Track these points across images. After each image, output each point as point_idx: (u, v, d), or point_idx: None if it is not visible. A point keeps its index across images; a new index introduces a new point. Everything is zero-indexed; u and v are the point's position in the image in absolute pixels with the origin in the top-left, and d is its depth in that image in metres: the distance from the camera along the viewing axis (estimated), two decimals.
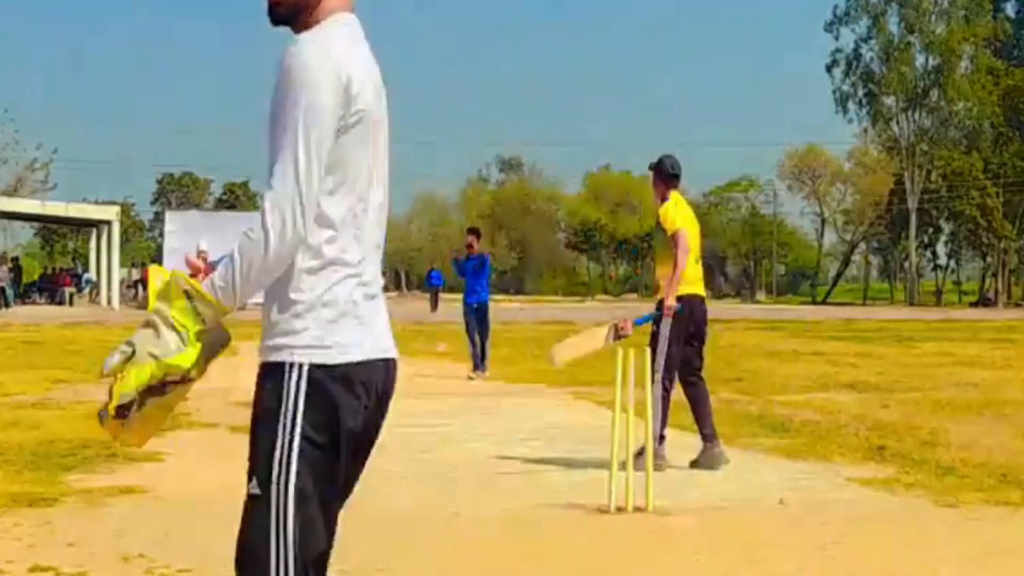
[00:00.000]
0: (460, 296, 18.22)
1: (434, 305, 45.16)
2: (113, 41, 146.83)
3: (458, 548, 5.90)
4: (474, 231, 18.01)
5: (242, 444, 2.85)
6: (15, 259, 58.18)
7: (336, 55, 2.77)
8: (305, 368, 2.77)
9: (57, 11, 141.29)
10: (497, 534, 6.24)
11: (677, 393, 8.61)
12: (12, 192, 60.21)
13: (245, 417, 3.48)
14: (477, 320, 16.65)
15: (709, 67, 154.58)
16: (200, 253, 13.67)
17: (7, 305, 43.61)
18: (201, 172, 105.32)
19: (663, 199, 8.78)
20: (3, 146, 62.77)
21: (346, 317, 2.80)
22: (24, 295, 50.68)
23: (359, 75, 2.80)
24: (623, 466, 6.85)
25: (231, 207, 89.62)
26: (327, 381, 2.77)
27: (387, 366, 2.91)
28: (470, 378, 16.09)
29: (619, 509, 6.75)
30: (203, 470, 8.21)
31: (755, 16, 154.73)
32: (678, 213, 8.68)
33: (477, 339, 16.55)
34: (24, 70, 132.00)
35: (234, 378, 13.68)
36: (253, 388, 2.84)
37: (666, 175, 8.84)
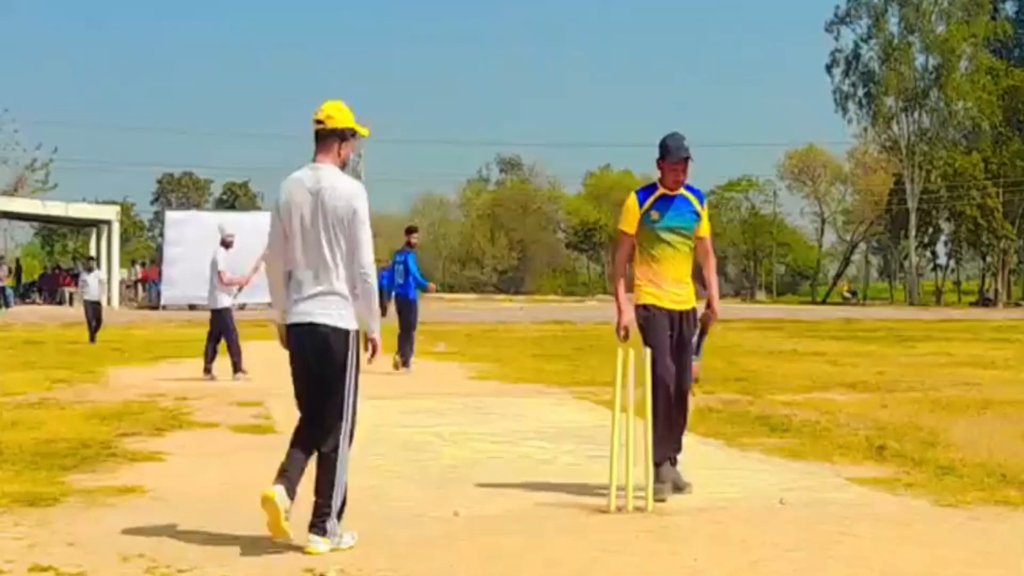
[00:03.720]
0: (451, 295, 18.81)
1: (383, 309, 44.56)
2: (114, 40, 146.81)
3: (458, 548, 5.90)
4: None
5: (242, 444, 2.86)
6: (17, 262, 58.28)
7: None
8: None
9: (57, 10, 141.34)
10: (497, 534, 6.23)
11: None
12: (12, 192, 60.17)
13: (245, 417, 3.50)
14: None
15: (709, 67, 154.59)
16: (227, 236, 14.46)
17: (7, 305, 43.59)
18: (201, 172, 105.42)
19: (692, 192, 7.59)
20: (3, 146, 62.77)
21: None
22: (24, 295, 50.69)
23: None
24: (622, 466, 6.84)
25: (231, 207, 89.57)
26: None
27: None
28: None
29: (619, 509, 6.76)
30: (203, 470, 8.21)
31: (755, 15, 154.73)
32: None
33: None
34: (25, 70, 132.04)
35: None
36: (252, 388, 2.84)
37: None
